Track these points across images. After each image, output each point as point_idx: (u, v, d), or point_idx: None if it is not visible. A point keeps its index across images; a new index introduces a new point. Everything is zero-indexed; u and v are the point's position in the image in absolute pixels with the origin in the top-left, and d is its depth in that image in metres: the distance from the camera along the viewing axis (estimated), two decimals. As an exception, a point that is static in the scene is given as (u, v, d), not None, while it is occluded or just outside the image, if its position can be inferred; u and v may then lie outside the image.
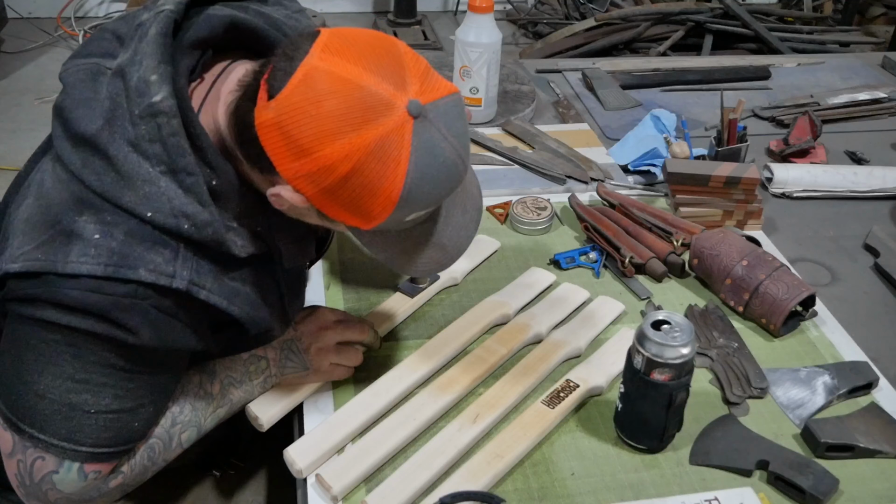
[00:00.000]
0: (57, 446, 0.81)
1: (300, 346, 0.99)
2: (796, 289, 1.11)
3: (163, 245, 0.77)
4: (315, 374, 1.00)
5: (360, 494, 0.89)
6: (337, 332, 1.01)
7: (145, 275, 0.76)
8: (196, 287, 0.79)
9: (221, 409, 0.95)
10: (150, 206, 0.76)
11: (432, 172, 0.75)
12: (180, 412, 0.91)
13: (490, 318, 1.12)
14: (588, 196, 1.42)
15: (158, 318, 0.78)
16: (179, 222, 0.77)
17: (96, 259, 0.75)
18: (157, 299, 0.78)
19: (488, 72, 1.57)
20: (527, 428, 0.96)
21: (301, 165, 0.73)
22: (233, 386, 0.95)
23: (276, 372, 0.98)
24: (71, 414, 0.80)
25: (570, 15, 3.99)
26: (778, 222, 1.41)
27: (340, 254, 1.26)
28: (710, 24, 3.53)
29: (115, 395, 0.81)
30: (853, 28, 3.84)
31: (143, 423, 0.85)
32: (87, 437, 0.81)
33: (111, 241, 0.75)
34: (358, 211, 0.76)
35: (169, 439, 0.90)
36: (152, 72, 0.76)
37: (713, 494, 0.91)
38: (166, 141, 0.76)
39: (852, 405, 1.03)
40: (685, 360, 0.89)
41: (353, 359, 1.02)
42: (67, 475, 0.82)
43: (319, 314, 1.03)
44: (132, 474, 0.88)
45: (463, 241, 0.88)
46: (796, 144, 1.56)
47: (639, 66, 2.00)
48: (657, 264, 1.23)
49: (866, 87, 1.87)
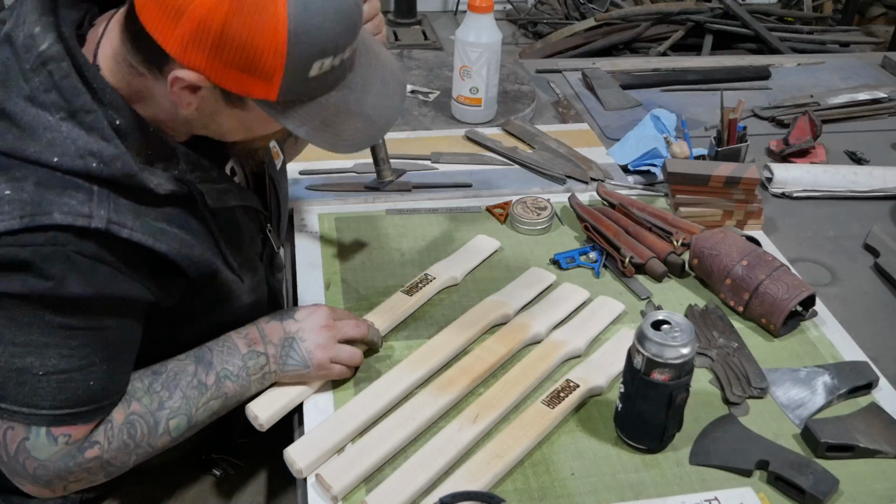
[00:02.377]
0: (19, 412, 0.81)
1: (301, 343, 0.98)
2: (796, 289, 1.11)
3: (75, 188, 0.77)
4: (316, 371, 0.99)
5: (360, 494, 0.89)
6: (338, 330, 1.01)
7: (60, 218, 0.75)
8: (116, 226, 0.78)
9: (215, 401, 0.94)
10: (55, 152, 0.76)
11: (317, 1, 0.74)
12: (169, 397, 0.90)
13: (490, 318, 1.12)
14: (588, 196, 1.42)
15: (83, 264, 0.78)
16: (87, 161, 0.77)
17: (10, 214, 0.75)
18: (77, 243, 0.77)
19: (488, 72, 1.57)
20: (527, 428, 0.96)
21: (181, 30, 0.73)
22: (229, 379, 0.94)
23: (276, 369, 0.97)
24: (21, 379, 0.80)
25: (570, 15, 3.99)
26: (778, 222, 1.41)
27: (340, 254, 1.26)
28: (710, 24, 3.54)
29: (61, 355, 0.81)
30: (853, 28, 3.85)
31: (101, 382, 0.84)
32: (44, 400, 0.81)
33: (22, 193, 0.75)
34: (252, 67, 0.74)
35: (154, 422, 0.89)
36: (35, 25, 0.78)
37: (713, 494, 0.91)
38: (60, 84, 0.77)
39: (852, 405, 1.03)
40: (685, 360, 0.89)
41: (355, 358, 1.02)
42: (37, 440, 0.83)
43: (321, 312, 1.02)
44: (110, 448, 0.87)
45: (389, 111, 0.88)
46: (796, 144, 1.56)
47: (639, 66, 2.00)
48: (657, 264, 1.23)
49: (866, 87, 1.87)
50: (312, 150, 1.47)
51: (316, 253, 1.26)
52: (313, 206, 1.36)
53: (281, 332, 0.99)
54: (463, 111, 1.63)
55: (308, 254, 1.26)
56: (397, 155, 1.50)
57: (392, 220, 1.35)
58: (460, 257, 1.24)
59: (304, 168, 1.44)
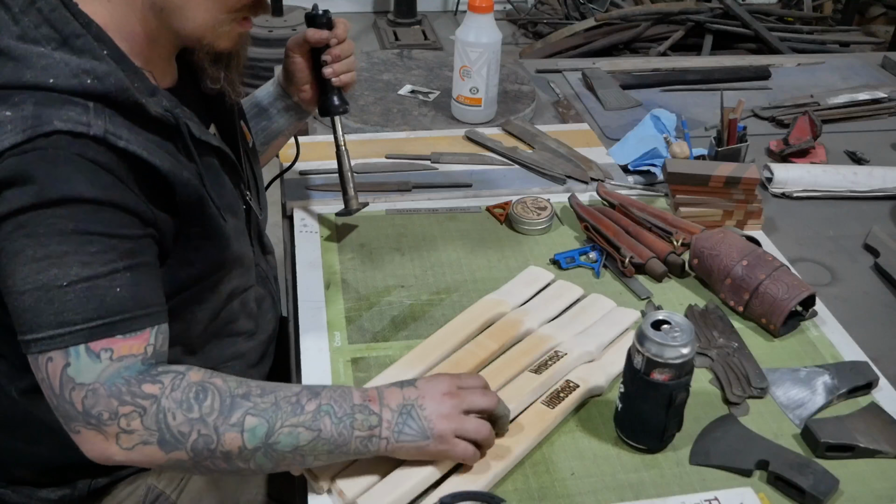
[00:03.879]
0: (53, 337, 0.80)
1: (421, 411, 0.87)
2: (796, 289, 1.11)
3: (72, 104, 0.81)
4: (436, 445, 0.87)
5: (357, 491, 0.89)
6: (463, 399, 0.89)
7: (60, 125, 0.79)
8: (112, 136, 0.82)
9: (305, 431, 0.84)
10: (50, 74, 0.80)
11: None
12: (260, 395, 0.84)
13: (487, 317, 1.12)
14: (588, 196, 1.42)
15: (86, 165, 0.80)
16: (81, 79, 0.81)
17: (13, 131, 0.78)
18: (79, 146, 0.80)
19: (488, 72, 1.57)
20: (527, 428, 0.96)
21: None
22: (329, 416, 0.84)
23: (389, 436, 0.86)
24: (48, 296, 0.80)
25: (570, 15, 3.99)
26: (778, 222, 1.41)
27: (340, 254, 1.26)
28: (710, 24, 3.54)
29: (81, 262, 0.80)
30: (853, 28, 3.85)
31: (127, 289, 0.83)
32: (75, 315, 0.80)
33: (22, 111, 0.79)
34: None
35: (231, 405, 0.82)
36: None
37: (713, 494, 0.91)
38: (49, 17, 0.82)
39: (852, 405, 1.03)
40: (685, 360, 0.89)
41: (482, 431, 0.88)
42: (78, 362, 0.80)
43: (442, 379, 0.91)
44: (171, 394, 0.82)
45: None
46: (796, 144, 1.56)
47: (639, 66, 2.00)
48: (657, 264, 1.23)
49: (866, 87, 1.87)
50: (313, 150, 1.47)
51: (316, 253, 1.26)
52: (313, 206, 1.36)
53: (400, 398, 0.88)
54: (463, 111, 1.63)
55: (308, 254, 1.26)
56: (397, 155, 1.50)
57: (392, 220, 1.35)
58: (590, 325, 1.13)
59: (304, 168, 1.44)
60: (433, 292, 1.20)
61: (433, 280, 1.22)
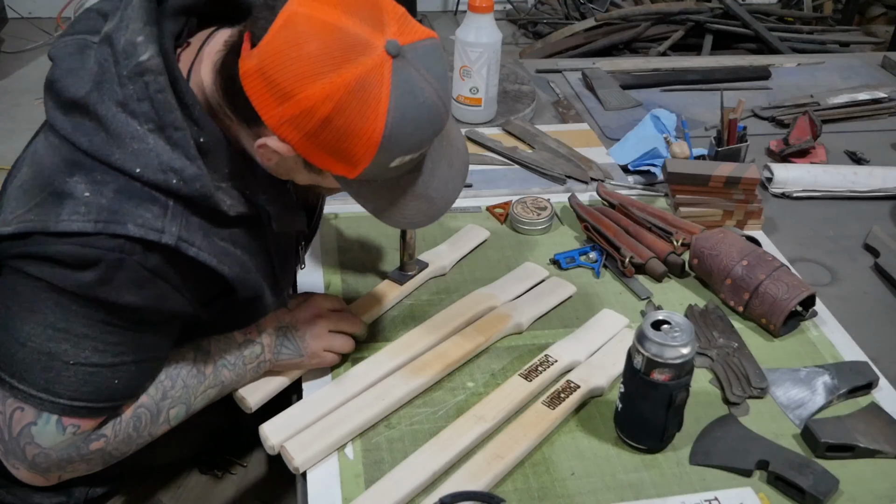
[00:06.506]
0: (35, 397, 0.82)
1: (295, 332, 1.01)
2: (796, 289, 1.11)
3: (152, 201, 0.79)
4: (309, 359, 1.01)
5: (358, 491, 0.89)
6: (331, 321, 1.04)
7: (134, 230, 0.77)
8: (185, 244, 0.80)
9: (212, 389, 0.95)
10: (138, 163, 0.78)
11: (413, 113, 0.76)
12: (172, 387, 0.91)
13: (476, 310, 1.13)
14: (588, 196, 1.42)
15: (144, 276, 0.79)
16: (168, 177, 0.78)
17: (86, 217, 0.76)
18: (143, 255, 0.79)
19: (488, 72, 1.57)
20: (527, 428, 0.96)
21: (284, 110, 0.74)
22: (226, 368, 0.96)
23: (271, 357, 0.99)
24: (50, 364, 0.81)
25: (570, 15, 3.99)
26: (778, 222, 1.41)
27: (340, 254, 1.26)
28: (710, 24, 3.53)
29: (95, 349, 0.81)
30: (853, 28, 3.85)
31: (125, 382, 0.85)
32: (66, 389, 0.82)
33: (101, 198, 0.77)
34: (342, 155, 0.77)
35: (157, 412, 0.91)
36: (138, 34, 0.78)
37: (713, 494, 0.91)
38: (154, 98, 0.78)
39: (852, 405, 1.03)
40: (685, 360, 0.89)
41: (346, 346, 1.04)
42: (45, 427, 0.83)
43: (314, 302, 1.05)
44: (115, 440, 0.88)
45: (450, 193, 0.90)
46: (796, 144, 1.56)
47: (639, 66, 2.00)
48: (657, 264, 1.23)
49: (866, 87, 1.87)
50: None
51: (316, 253, 1.26)
52: (313, 206, 1.36)
53: (275, 321, 1.01)
54: (463, 111, 1.63)
55: (308, 254, 1.26)
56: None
57: (392, 220, 1.35)
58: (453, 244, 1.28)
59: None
60: (433, 292, 1.20)
61: (433, 280, 1.22)
